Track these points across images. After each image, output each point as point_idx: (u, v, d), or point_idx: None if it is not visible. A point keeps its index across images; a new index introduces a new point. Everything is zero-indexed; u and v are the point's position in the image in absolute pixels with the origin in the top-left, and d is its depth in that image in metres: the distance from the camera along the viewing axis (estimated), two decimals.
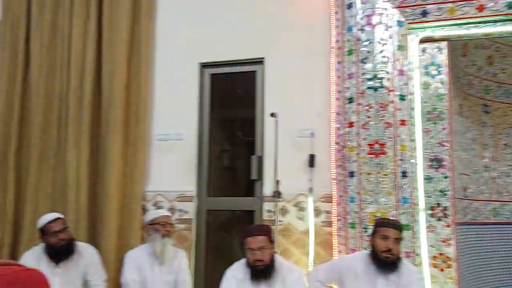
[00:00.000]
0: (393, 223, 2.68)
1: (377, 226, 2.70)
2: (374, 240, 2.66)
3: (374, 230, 2.70)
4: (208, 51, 3.92)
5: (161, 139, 3.94)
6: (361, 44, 3.21)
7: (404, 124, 3.11)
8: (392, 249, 2.58)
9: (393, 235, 2.60)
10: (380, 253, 2.60)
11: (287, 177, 3.51)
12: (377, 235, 2.65)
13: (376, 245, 2.64)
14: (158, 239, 3.11)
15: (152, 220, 3.21)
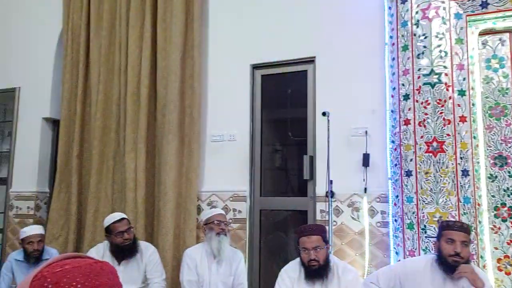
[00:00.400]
0: (460, 225, 2.49)
1: (442, 229, 2.52)
2: (440, 244, 2.50)
3: (439, 233, 2.54)
4: (259, 53, 3.96)
5: (215, 140, 4.02)
6: (417, 39, 3.11)
7: (464, 120, 2.98)
8: (461, 253, 2.42)
9: (460, 238, 2.43)
10: (448, 257, 2.44)
11: (340, 177, 3.47)
12: (442, 238, 2.49)
13: (442, 249, 2.48)
14: (214, 237, 3.15)
15: (206, 220, 3.26)
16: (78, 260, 0.83)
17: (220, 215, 3.27)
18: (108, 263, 0.88)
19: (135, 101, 4.19)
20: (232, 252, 3.24)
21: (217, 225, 3.17)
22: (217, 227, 3.16)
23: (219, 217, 3.23)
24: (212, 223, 3.20)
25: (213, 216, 3.24)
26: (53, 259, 0.84)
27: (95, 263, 0.83)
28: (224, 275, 3.15)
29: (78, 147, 4.37)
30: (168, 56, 4.12)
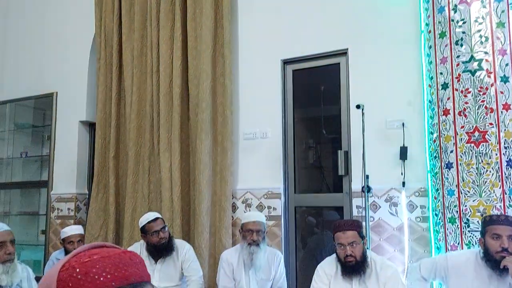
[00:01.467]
0: (504, 218, 2.37)
1: (486, 224, 2.40)
2: (485, 240, 2.39)
3: (483, 229, 2.43)
4: (289, 47, 3.90)
5: (248, 138, 4.00)
6: (455, 24, 2.98)
7: (508, 108, 2.83)
8: (508, 248, 2.29)
9: (507, 232, 2.31)
10: (495, 254, 2.32)
11: (377, 171, 3.38)
12: (487, 234, 2.37)
13: (488, 246, 2.36)
14: (245, 247, 3.05)
15: (241, 225, 3.16)
16: (106, 250, 0.81)
17: (254, 223, 3.08)
18: (135, 253, 0.86)
19: (168, 101, 4.23)
20: (271, 254, 3.17)
21: (250, 235, 3.04)
22: (249, 237, 3.04)
23: (252, 226, 3.07)
24: (246, 231, 3.08)
25: (247, 223, 3.10)
26: (80, 249, 0.82)
27: (123, 253, 0.81)
28: (262, 280, 3.09)
29: (114, 148, 4.46)
30: (199, 55, 4.14)
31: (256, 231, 3.03)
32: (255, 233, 3.03)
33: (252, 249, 3.00)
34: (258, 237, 3.03)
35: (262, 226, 3.09)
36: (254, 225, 3.07)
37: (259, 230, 3.04)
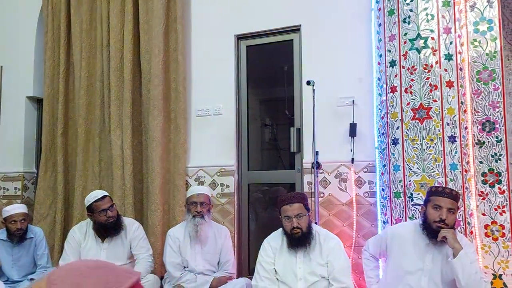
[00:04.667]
0: (449, 192, 2.46)
1: (430, 195, 2.50)
2: (426, 209, 2.48)
3: (427, 198, 2.52)
4: (243, 23, 3.85)
5: (201, 114, 3.94)
6: (403, 2, 3.01)
7: (451, 85, 2.91)
8: (446, 220, 2.39)
9: (448, 205, 2.41)
10: (433, 223, 2.42)
11: (327, 148, 3.42)
12: (429, 204, 2.47)
13: (428, 215, 2.46)
14: (190, 220, 3.04)
15: (186, 199, 3.15)
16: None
17: (198, 196, 3.09)
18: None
19: (119, 76, 4.10)
20: (217, 229, 3.18)
21: (194, 207, 3.04)
22: (193, 209, 3.03)
23: (196, 198, 3.07)
24: (190, 204, 3.07)
25: (191, 196, 3.10)
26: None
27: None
28: (209, 253, 3.09)
29: (63, 125, 4.30)
30: (150, 30, 4.02)
31: (200, 203, 3.04)
32: (199, 205, 3.03)
33: (197, 220, 3.00)
34: (202, 208, 3.03)
35: (206, 198, 3.09)
36: (198, 197, 3.07)
37: (202, 202, 3.05)
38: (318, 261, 2.63)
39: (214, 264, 3.11)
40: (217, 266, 3.13)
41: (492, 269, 2.91)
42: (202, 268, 3.05)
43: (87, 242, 3.17)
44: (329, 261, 2.62)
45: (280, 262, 2.69)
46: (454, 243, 2.33)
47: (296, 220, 2.62)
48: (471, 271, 2.31)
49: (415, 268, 2.49)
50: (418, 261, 2.49)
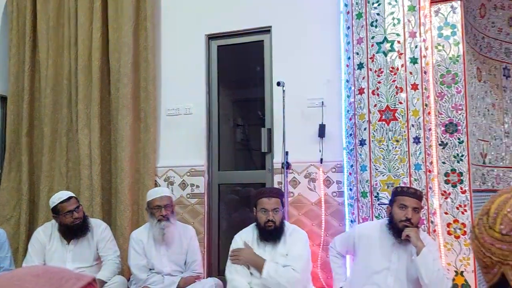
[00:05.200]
0: (413, 192, 2.53)
1: (396, 195, 2.56)
2: (392, 209, 2.54)
3: (392, 199, 2.58)
4: (214, 23, 3.84)
5: (171, 114, 3.92)
6: (371, 6, 3.08)
7: (416, 88, 2.99)
8: (411, 219, 2.46)
9: (412, 204, 2.48)
10: (398, 222, 2.48)
11: (297, 148, 3.45)
12: (395, 203, 2.53)
13: (394, 214, 2.52)
14: (155, 224, 2.98)
15: (147, 203, 3.06)
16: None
17: (162, 199, 3.01)
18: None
19: (87, 75, 4.03)
20: (183, 229, 3.15)
21: (158, 211, 2.97)
22: (157, 214, 2.96)
23: (159, 201, 2.99)
24: (153, 208, 3.00)
25: (153, 200, 3.01)
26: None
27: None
28: (175, 254, 3.06)
29: (28, 124, 4.19)
30: (120, 28, 3.96)
31: (164, 206, 3.00)
32: (163, 208, 2.99)
33: (163, 224, 2.97)
34: (167, 211, 2.99)
35: (168, 200, 3.06)
36: (161, 200, 3.01)
37: (166, 205, 3.01)
38: (281, 252, 2.73)
39: (181, 264, 3.09)
40: (184, 266, 3.11)
41: (454, 266, 3.00)
42: (169, 270, 3.03)
43: (52, 244, 3.10)
44: (289, 250, 2.71)
45: None
46: (417, 241, 2.40)
47: (272, 213, 2.71)
48: (434, 268, 2.38)
49: (381, 267, 2.54)
50: (385, 260, 2.55)
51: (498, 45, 4.17)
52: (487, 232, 0.56)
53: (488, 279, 0.58)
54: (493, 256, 0.56)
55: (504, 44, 4.20)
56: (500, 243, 0.55)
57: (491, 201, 0.59)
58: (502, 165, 4.05)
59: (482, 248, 0.57)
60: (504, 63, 4.18)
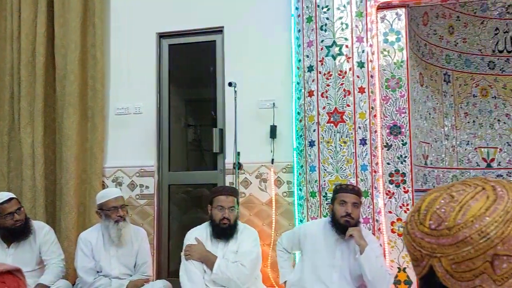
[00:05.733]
0: (351, 188, 2.65)
1: (336, 192, 2.67)
2: (334, 206, 2.64)
3: (333, 196, 2.68)
4: (165, 21, 3.79)
5: (120, 113, 3.83)
6: (320, 10, 3.16)
7: (363, 91, 3.10)
8: (352, 213, 2.56)
9: (352, 200, 2.58)
10: (340, 218, 2.58)
11: (248, 149, 3.48)
12: (336, 201, 2.63)
13: (335, 211, 2.61)
14: (112, 226, 2.90)
15: (100, 205, 2.97)
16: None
17: (116, 199, 2.94)
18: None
19: (30, 71, 3.86)
20: (133, 230, 3.09)
21: (115, 211, 2.90)
22: (114, 215, 2.90)
23: (115, 202, 2.93)
24: (109, 210, 2.92)
25: (107, 202, 2.94)
26: None
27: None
28: (124, 256, 3.00)
29: None
30: (66, 23, 3.83)
31: (120, 207, 2.94)
32: (120, 208, 2.93)
33: (121, 224, 2.91)
34: (123, 211, 2.94)
35: (122, 200, 3.02)
36: (117, 201, 2.95)
37: (122, 205, 2.96)
38: (232, 249, 2.77)
39: (131, 267, 3.02)
40: (134, 269, 3.05)
41: (397, 262, 3.14)
42: (117, 272, 2.95)
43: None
44: (239, 247, 2.77)
45: None
46: (360, 240, 2.49)
47: (228, 211, 2.75)
48: (377, 265, 2.47)
49: (326, 264, 2.62)
50: (329, 257, 2.63)
51: (439, 52, 4.40)
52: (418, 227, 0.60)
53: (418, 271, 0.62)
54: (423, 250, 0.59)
55: (444, 51, 4.44)
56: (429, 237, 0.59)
57: (422, 200, 0.63)
58: (442, 166, 4.28)
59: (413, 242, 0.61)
60: (444, 69, 4.41)
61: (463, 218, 0.57)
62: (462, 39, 4.53)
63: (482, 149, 4.53)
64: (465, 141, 4.51)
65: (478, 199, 0.58)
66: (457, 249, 0.56)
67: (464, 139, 4.50)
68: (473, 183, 0.62)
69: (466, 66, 4.57)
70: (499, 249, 0.55)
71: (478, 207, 0.57)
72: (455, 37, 4.50)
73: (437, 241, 0.58)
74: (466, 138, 4.51)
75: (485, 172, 4.47)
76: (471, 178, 0.63)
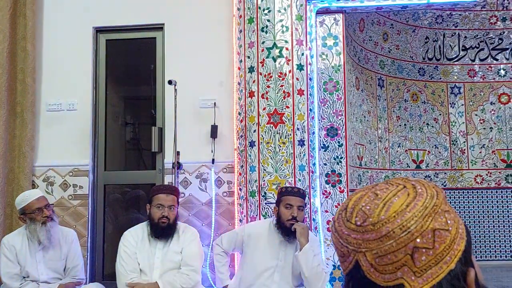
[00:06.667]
0: (297, 191, 2.68)
1: (281, 195, 2.68)
2: (279, 209, 2.65)
3: (279, 199, 2.69)
4: (103, 15, 3.66)
5: (52, 109, 3.65)
6: (262, 12, 3.19)
7: (302, 93, 3.17)
8: (297, 217, 2.59)
9: (297, 203, 2.61)
10: (286, 221, 2.60)
11: (189, 148, 3.44)
12: (282, 204, 2.64)
13: (281, 214, 2.62)
14: (39, 228, 2.73)
15: (22, 210, 2.78)
16: None
17: (38, 200, 2.77)
18: None
19: None
20: (63, 233, 2.94)
21: (40, 213, 2.73)
22: (39, 216, 2.73)
23: (38, 203, 2.75)
24: (33, 213, 2.74)
25: (30, 204, 2.75)
26: None
27: None
28: (52, 260, 2.84)
29: None
30: None
31: (44, 207, 2.78)
32: (44, 208, 2.78)
33: (49, 225, 2.75)
34: (49, 211, 2.79)
35: (46, 200, 2.85)
36: (40, 202, 2.78)
37: (47, 205, 2.81)
38: (175, 249, 2.69)
39: (60, 271, 2.87)
40: (64, 272, 2.91)
41: (332, 260, 3.24)
42: (46, 277, 2.80)
43: None
44: (183, 248, 2.70)
45: (141, 253, 2.69)
46: (301, 237, 2.54)
47: (167, 210, 2.67)
48: (314, 263, 2.54)
49: (269, 265, 2.64)
50: (273, 258, 2.65)
51: (374, 58, 4.61)
52: (345, 224, 0.63)
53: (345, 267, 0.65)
54: (349, 246, 0.62)
55: (379, 57, 4.66)
56: (355, 233, 0.61)
57: (348, 199, 0.66)
58: (375, 166, 4.48)
59: (340, 239, 0.63)
60: (379, 74, 4.63)
61: (386, 214, 0.60)
62: (395, 46, 4.77)
63: (412, 151, 4.81)
64: (396, 143, 4.75)
65: (399, 196, 0.62)
66: (380, 243, 0.59)
67: (396, 141, 4.75)
68: (396, 182, 0.66)
69: (399, 72, 4.82)
70: (418, 242, 0.59)
71: (399, 204, 0.61)
72: (389, 44, 4.73)
73: (362, 236, 0.61)
74: (398, 141, 4.76)
75: (414, 173, 4.74)
76: (394, 178, 0.68)
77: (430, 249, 0.59)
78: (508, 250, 4.70)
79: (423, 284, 0.59)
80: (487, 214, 4.75)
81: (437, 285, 0.59)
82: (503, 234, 4.72)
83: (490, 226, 4.74)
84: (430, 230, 0.59)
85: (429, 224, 0.59)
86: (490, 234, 4.74)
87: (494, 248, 4.73)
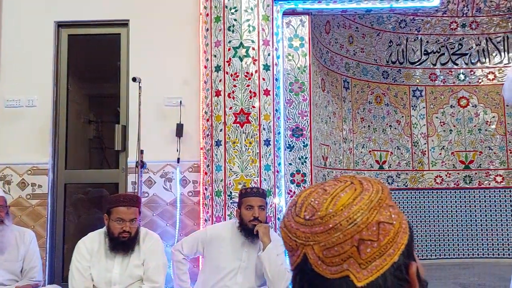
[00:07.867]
0: (256, 191, 2.68)
1: (242, 197, 2.66)
2: (241, 211, 2.64)
3: (240, 201, 2.67)
4: (65, 9, 3.56)
5: (10, 105, 3.51)
6: (228, 11, 3.18)
7: (268, 94, 3.18)
8: (259, 217, 2.59)
9: (258, 203, 2.61)
10: (248, 222, 2.59)
11: (153, 147, 3.38)
12: (243, 205, 2.63)
13: (243, 216, 2.61)
14: None
15: None
16: None
17: None
18: None
19: None
20: (20, 233, 2.81)
21: None
22: None
23: None
24: None
25: None
26: None
27: None
28: (8, 262, 2.71)
29: None
30: None
31: None
32: None
33: None
34: (1, 213, 2.65)
35: (1, 200, 2.71)
36: None
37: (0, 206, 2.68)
38: (135, 263, 2.54)
39: (17, 273, 2.76)
40: (21, 274, 2.80)
41: None
42: (1, 279, 2.69)
43: None
44: (145, 260, 2.56)
45: (96, 267, 2.51)
46: (263, 237, 2.54)
47: (129, 224, 2.47)
48: (277, 263, 2.54)
49: (232, 267, 2.61)
50: (235, 260, 2.63)
51: (339, 60, 4.68)
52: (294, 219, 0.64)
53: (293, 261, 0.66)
54: (298, 239, 0.63)
55: (344, 59, 4.74)
56: (304, 227, 0.63)
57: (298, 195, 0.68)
58: (340, 167, 4.56)
59: (289, 233, 0.64)
60: (344, 76, 4.71)
61: (334, 207, 0.62)
62: (360, 49, 4.87)
63: (376, 152, 4.92)
64: (360, 144, 4.85)
65: (347, 191, 0.64)
66: (328, 236, 0.61)
67: (360, 142, 4.85)
68: (343, 179, 0.68)
69: (363, 74, 4.92)
70: (364, 234, 0.61)
71: (347, 198, 0.63)
72: (354, 47, 4.82)
73: (310, 230, 0.62)
74: (362, 142, 4.86)
75: (377, 173, 4.85)
76: (342, 176, 0.71)
77: (374, 241, 0.61)
78: (465, 248, 4.89)
79: (368, 276, 0.60)
80: (446, 214, 4.92)
81: (381, 276, 0.61)
82: (461, 233, 4.90)
83: (448, 225, 4.91)
84: (375, 222, 0.61)
85: (374, 217, 0.61)
86: (449, 233, 4.91)
87: (453, 247, 4.90)
